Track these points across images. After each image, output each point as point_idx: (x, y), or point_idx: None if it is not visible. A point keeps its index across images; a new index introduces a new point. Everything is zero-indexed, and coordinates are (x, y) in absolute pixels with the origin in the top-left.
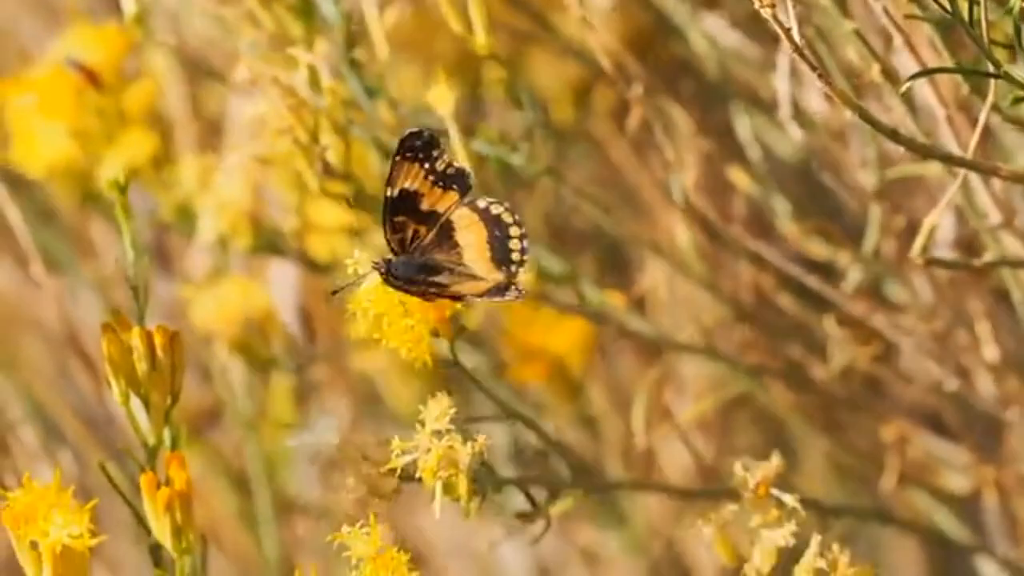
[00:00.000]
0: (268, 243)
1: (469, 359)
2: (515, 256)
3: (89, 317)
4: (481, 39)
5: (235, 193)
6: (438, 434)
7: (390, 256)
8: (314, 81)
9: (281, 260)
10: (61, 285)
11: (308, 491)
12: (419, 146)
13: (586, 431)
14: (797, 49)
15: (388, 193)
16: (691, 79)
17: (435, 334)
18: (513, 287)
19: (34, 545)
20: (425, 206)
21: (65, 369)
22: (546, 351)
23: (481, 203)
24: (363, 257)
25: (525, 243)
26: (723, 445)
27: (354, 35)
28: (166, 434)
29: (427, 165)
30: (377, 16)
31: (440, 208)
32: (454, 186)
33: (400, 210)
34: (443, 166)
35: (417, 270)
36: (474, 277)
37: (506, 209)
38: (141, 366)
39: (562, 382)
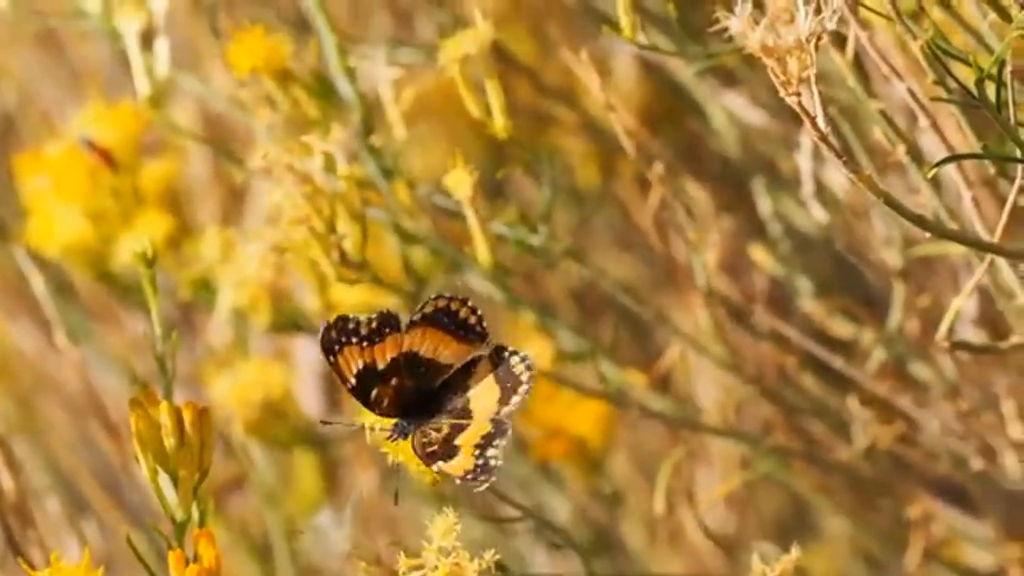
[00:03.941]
0: (289, 320)
1: None
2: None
3: (111, 384)
4: (500, 123)
5: (255, 269)
6: (445, 551)
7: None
8: (330, 166)
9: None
10: (82, 353)
11: (330, 560)
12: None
13: (609, 506)
14: (823, 137)
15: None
16: (712, 156)
17: None
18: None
19: None
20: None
21: (87, 435)
22: (567, 430)
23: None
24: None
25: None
26: (746, 519)
27: (371, 115)
28: (194, 509)
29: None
30: (393, 95)
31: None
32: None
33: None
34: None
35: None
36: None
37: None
38: (169, 442)
39: (584, 460)
